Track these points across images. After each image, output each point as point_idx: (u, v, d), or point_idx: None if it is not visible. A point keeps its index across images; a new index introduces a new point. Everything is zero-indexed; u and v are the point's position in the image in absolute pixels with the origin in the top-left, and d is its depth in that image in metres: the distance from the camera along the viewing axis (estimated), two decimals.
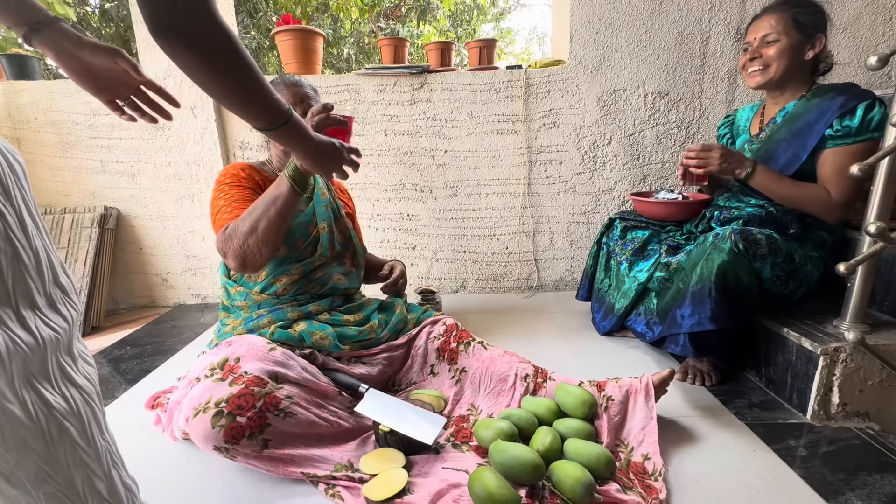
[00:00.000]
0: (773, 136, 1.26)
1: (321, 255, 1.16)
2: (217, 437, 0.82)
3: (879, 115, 1.11)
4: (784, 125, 1.24)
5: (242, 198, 1.08)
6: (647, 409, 0.98)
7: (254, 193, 1.11)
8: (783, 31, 1.19)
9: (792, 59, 1.20)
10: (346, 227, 1.27)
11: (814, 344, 1.03)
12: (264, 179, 1.16)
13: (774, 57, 1.20)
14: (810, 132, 1.18)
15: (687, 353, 1.18)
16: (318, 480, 0.86)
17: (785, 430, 1.01)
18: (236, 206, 1.07)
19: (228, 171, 1.14)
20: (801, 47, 1.20)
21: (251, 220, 0.99)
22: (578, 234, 2.03)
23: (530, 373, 1.08)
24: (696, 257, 1.17)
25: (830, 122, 1.15)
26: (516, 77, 1.89)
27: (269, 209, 0.99)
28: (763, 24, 1.22)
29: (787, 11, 1.19)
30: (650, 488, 0.82)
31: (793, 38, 1.19)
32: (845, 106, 1.13)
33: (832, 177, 1.16)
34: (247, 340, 1.01)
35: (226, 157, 1.97)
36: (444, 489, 0.82)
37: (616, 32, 1.85)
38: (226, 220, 1.04)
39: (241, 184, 1.12)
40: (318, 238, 1.17)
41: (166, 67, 1.87)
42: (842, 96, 1.15)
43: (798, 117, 1.22)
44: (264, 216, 0.99)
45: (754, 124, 1.37)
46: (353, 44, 6.28)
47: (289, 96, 1.15)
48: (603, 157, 1.96)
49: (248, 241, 0.99)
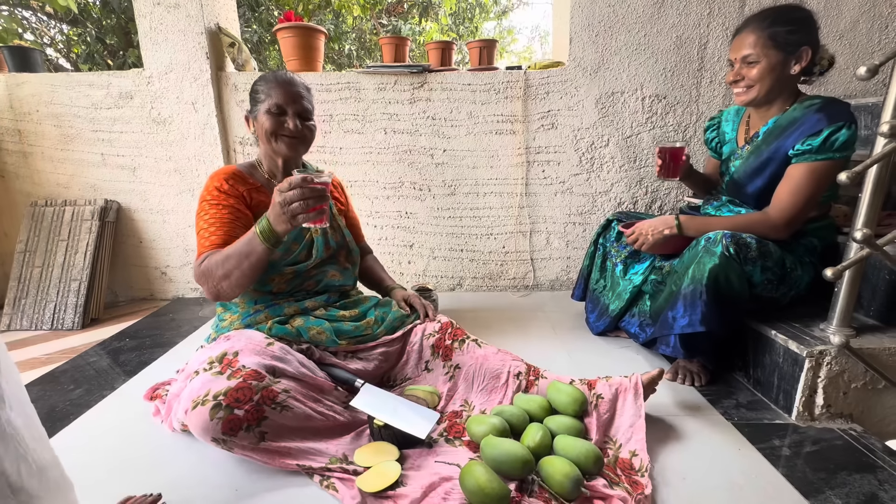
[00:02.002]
0: (748, 160, 1.27)
1: (316, 258, 1.18)
2: (215, 429, 0.84)
3: (845, 136, 1.09)
4: (763, 143, 1.24)
5: (221, 221, 1.08)
6: (636, 407, 1.00)
7: (235, 212, 1.10)
8: (762, 52, 1.15)
9: (775, 77, 1.17)
10: (339, 226, 1.28)
11: (800, 346, 1.06)
12: (249, 189, 1.14)
13: (756, 78, 1.17)
14: (775, 159, 1.20)
15: (677, 354, 1.20)
16: (314, 472, 0.88)
17: (770, 430, 1.04)
18: (214, 232, 1.07)
19: (212, 184, 1.12)
20: (785, 65, 1.16)
21: (225, 268, 1.00)
22: (575, 235, 2.06)
23: (523, 370, 1.10)
24: (688, 261, 1.19)
25: (794, 144, 1.15)
26: (516, 78, 1.91)
27: (242, 262, 0.99)
28: (743, 42, 1.18)
29: (765, 31, 1.15)
30: (636, 484, 0.84)
31: (773, 59, 1.15)
32: (814, 128, 1.12)
33: (782, 192, 1.17)
34: (245, 335, 1.03)
35: (226, 153, 1.99)
36: (436, 482, 0.84)
37: (615, 35, 1.86)
38: (204, 247, 1.06)
39: (221, 202, 1.10)
40: (312, 241, 1.18)
41: (168, 63, 1.88)
42: (816, 115, 1.13)
43: (773, 138, 1.21)
44: (237, 268, 1.00)
45: (740, 134, 1.36)
46: (355, 40, 6.27)
47: (281, 95, 1.13)
48: (600, 158, 1.98)
49: (221, 284, 1.02)
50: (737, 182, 1.31)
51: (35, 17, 4.82)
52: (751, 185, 1.27)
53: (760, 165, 1.24)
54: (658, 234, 1.31)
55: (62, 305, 1.79)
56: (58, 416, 1.13)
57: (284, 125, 1.13)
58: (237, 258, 0.99)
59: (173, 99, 1.91)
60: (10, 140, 1.96)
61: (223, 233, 1.07)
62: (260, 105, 1.13)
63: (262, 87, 1.14)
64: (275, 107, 1.12)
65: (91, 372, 1.38)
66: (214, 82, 1.91)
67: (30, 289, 1.82)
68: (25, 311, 1.79)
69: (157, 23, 1.85)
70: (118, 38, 4.59)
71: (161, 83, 1.90)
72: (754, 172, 1.26)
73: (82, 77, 1.92)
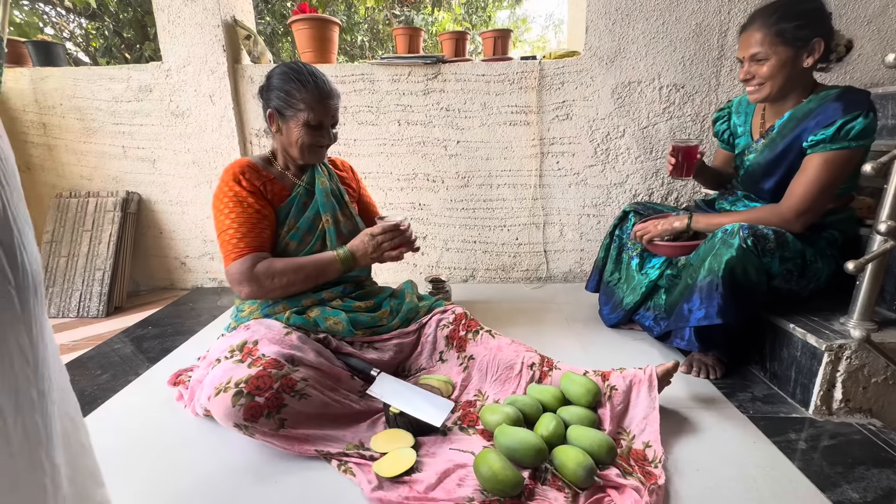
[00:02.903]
0: (763, 153, 1.24)
1: (331, 248, 1.19)
2: (237, 415, 0.87)
3: (862, 125, 1.06)
4: (779, 136, 1.21)
5: (250, 223, 1.10)
6: (650, 399, 1.00)
7: (258, 212, 1.11)
8: (770, 49, 1.11)
9: (787, 73, 1.13)
10: (351, 213, 1.28)
11: (819, 340, 1.04)
12: (264, 182, 1.15)
13: (767, 76, 1.14)
14: (792, 151, 1.17)
15: (692, 347, 1.19)
16: (331, 457, 0.91)
17: (786, 424, 1.03)
18: (246, 234, 1.09)
19: (229, 180, 1.12)
20: (796, 59, 1.11)
21: (290, 278, 1.10)
22: (589, 227, 2.04)
23: (536, 361, 1.11)
24: (704, 253, 1.18)
25: (810, 135, 1.12)
26: (530, 68, 1.89)
27: (311, 278, 1.13)
28: (750, 40, 1.15)
29: (771, 27, 1.11)
30: (649, 474, 0.85)
31: (783, 55, 1.11)
32: (830, 118, 1.09)
33: (795, 184, 1.14)
34: (264, 324, 1.05)
35: (242, 145, 2.01)
36: (450, 468, 0.86)
37: (633, 24, 1.83)
38: (238, 248, 1.08)
39: (243, 200, 1.11)
40: (324, 232, 1.20)
41: (185, 56, 1.90)
42: (833, 104, 1.10)
43: (788, 131, 1.18)
44: (303, 281, 1.12)
45: (755, 127, 1.31)
46: (367, 30, 6.25)
47: (323, 111, 1.10)
48: (616, 149, 1.96)
49: (277, 290, 1.11)
50: (752, 176, 1.29)
51: (55, 11, 4.91)
52: (767, 179, 1.25)
53: (776, 159, 1.21)
54: (666, 225, 1.31)
55: (87, 294, 1.85)
56: (86, 399, 1.18)
57: (320, 139, 1.14)
58: (307, 273, 1.12)
59: (191, 92, 1.94)
60: (35, 133, 2.01)
61: (255, 235, 1.10)
62: (298, 113, 1.10)
63: (301, 96, 1.09)
64: (315, 121, 1.10)
65: (116, 358, 1.43)
66: (231, 75, 1.93)
67: (56, 278, 1.88)
68: (53, 300, 1.85)
69: (174, 16, 1.87)
70: (135, 32, 4.65)
71: (179, 76, 1.93)
72: (770, 166, 1.23)
73: (103, 71, 1.96)
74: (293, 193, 1.19)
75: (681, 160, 1.33)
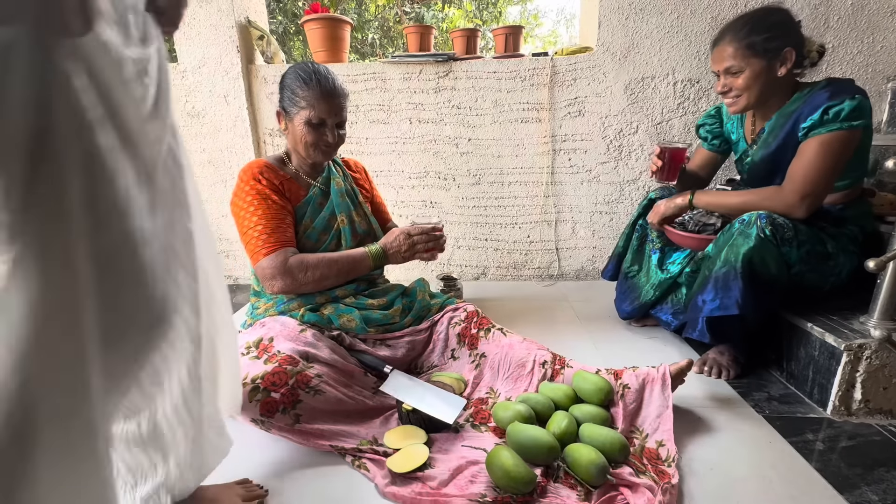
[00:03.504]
0: (758, 153, 1.27)
1: (346, 246, 1.21)
2: (254, 410, 0.89)
3: (850, 106, 1.06)
4: (770, 136, 1.23)
5: (276, 219, 1.11)
6: (664, 397, 1.00)
7: (281, 208, 1.13)
8: (743, 61, 1.14)
9: (762, 83, 1.15)
10: (365, 213, 1.29)
11: (838, 340, 1.02)
12: (282, 181, 1.17)
13: (743, 87, 1.17)
14: (789, 147, 1.17)
15: (703, 338, 1.17)
16: (346, 452, 0.92)
17: (803, 424, 1.02)
18: (275, 229, 1.10)
19: (248, 180, 1.14)
20: (769, 70, 1.14)
21: (323, 272, 1.12)
22: (601, 224, 2.03)
23: (548, 359, 1.11)
24: (721, 244, 1.17)
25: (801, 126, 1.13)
26: (542, 65, 1.88)
27: (343, 273, 1.15)
28: (722, 54, 1.17)
29: (742, 40, 1.14)
30: (663, 473, 0.85)
31: (756, 66, 1.14)
32: (816, 107, 1.10)
33: (793, 168, 1.14)
34: (280, 322, 1.07)
35: (256, 144, 2.04)
36: (463, 465, 0.87)
37: (647, 18, 1.81)
38: (269, 245, 1.09)
39: (267, 196, 1.12)
40: (339, 231, 1.21)
41: (201, 57, 1.93)
42: (819, 94, 1.12)
43: (779, 130, 1.20)
44: (335, 276, 1.14)
45: (747, 131, 1.33)
46: (377, 28, 6.26)
47: (324, 110, 1.11)
48: (629, 146, 1.94)
49: (310, 284, 1.12)
50: (755, 176, 1.30)
51: None
52: (772, 176, 1.25)
53: (774, 156, 1.22)
54: (670, 203, 1.32)
55: None
56: None
57: (323, 137, 1.14)
58: (339, 268, 1.14)
59: (206, 92, 1.97)
60: None
61: (282, 231, 1.11)
62: (300, 111, 1.11)
63: (303, 94, 1.11)
64: (316, 118, 1.11)
65: None
66: (245, 75, 1.96)
67: None
68: None
69: (190, 18, 1.90)
70: None
71: (195, 77, 1.96)
72: (770, 164, 1.24)
73: None
74: (309, 194, 1.20)
75: (667, 163, 1.31)
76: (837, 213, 1.21)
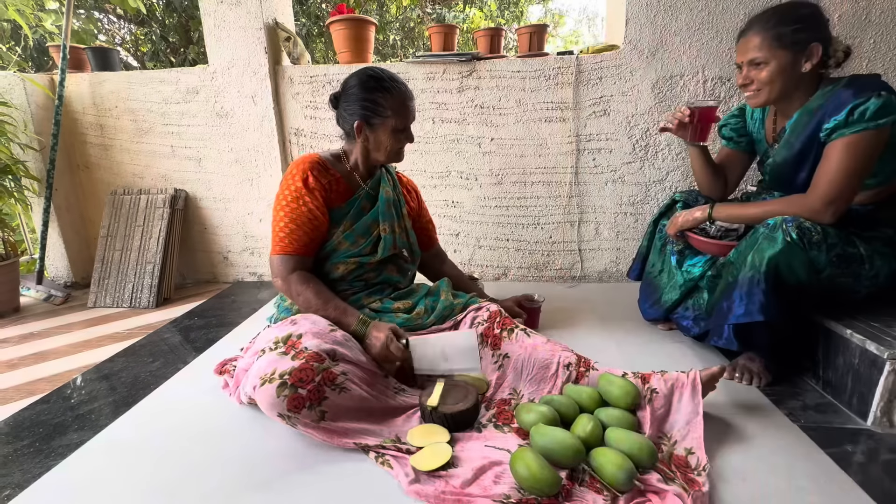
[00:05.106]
0: (780, 154, 1.23)
1: (381, 255, 1.22)
2: (281, 405, 0.90)
3: (876, 105, 1.02)
4: (792, 135, 1.19)
5: (300, 220, 1.14)
6: (694, 404, 0.97)
7: (311, 206, 1.14)
8: (769, 53, 1.11)
9: (786, 78, 1.12)
10: (406, 227, 1.32)
11: (880, 348, 0.98)
12: (330, 181, 1.19)
13: (766, 81, 1.13)
14: (811, 147, 1.14)
15: (731, 345, 1.14)
16: (369, 449, 0.93)
17: (841, 435, 0.98)
18: (292, 232, 1.14)
19: (295, 175, 1.16)
20: (794, 64, 1.11)
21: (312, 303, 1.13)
22: (626, 226, 1.99)
23: (573, 361, 1.10)
24: (745, 249, 1.13)
25: (824, 126, 1.09)
26: (567, 63, 1.85)
27: (328, 318, 1.12)
28: (748, 44, 1.14)
29: (770, 31, 1.10)
30: (692, 481, 0.82)
31: (781, 59, 1.11)
32: (840, 106, 1.06)
33: (818, 173, 1.10)
34: (310, 319, 1.09)
35: (282, 144, 2.08)
36: (486, 465, 0.86)
37: (676, 15, 1.77)
38: (283, 246, 1.15)
39: (300, 197, 1.14)
40: (379, 238, 1.23)
41: (230, 59, 1.98)
42: (843, 92, 1.08)
43: (801, 128, 1.16)
44: (319, 313, 1.13)
45: (768, 131, 1.29)
46: (399, 29, 6.29)
47: (408, 116, 1.17)
48: (655, 146, 1.90)
49: (295, 300, 1.15)
50: (777, 177, 1.27)
51: (106, 18, 5.20)
52: (795, 176, 1.20)
53: (797, 157, 1.18)
54: (688, 216, 1.30)
55: (139, 286, 1.95)
56: (141, 385, 1.26)
57: (404, 142, 1.19)
58: (328, 313, 1.13)
59: (234, 93, 2.02)
60: (93, 134, 2.14)
61: (300, 235, 1.15)
62: (385, 121, 1.14)
63: (387, 103, 1.13)
64: (401, 125, 1.16)
65: (165, 347, 1.51)
66: (272, 76, 1.99)
67: (111, 270, 2.00)
68: (108, 290, 1.97)
69: (220, 20, 1.95)
70: (179, 36, 4.86)
71: (224, 78, 2.01)
72: (792, 164, 1.20)
73: (154, 74, 2.07)
74: (355, 195, 1.23)
75: (696, 122, 1.27)
76: (868, 213, 1.16)
